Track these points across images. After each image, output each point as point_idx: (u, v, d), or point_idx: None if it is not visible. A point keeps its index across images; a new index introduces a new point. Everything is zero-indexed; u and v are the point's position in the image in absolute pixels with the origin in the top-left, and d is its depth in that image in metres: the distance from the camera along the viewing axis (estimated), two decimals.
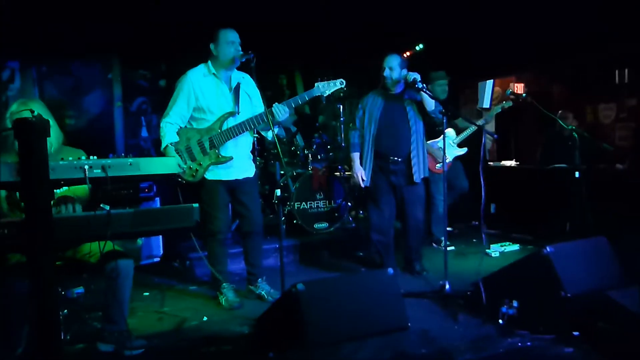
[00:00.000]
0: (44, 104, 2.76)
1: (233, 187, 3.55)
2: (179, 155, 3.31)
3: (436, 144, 4.82)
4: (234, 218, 4.24)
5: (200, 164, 3.35)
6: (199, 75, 3.45)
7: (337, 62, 6.75)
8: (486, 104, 7.45)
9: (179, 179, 3.32)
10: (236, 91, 3.51)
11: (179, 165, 3.10)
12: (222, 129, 3.39)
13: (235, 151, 3.45)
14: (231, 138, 3.40)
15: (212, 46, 3.45)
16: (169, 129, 3.38)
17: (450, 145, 4.93)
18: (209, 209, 3.44)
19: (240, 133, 3.42)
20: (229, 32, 3.44)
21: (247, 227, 3.65)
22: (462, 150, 5.01)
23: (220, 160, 3.38)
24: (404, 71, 3.87)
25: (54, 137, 2.69)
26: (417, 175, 3.96)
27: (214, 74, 3.46)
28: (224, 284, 3.59)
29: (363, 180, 4.02)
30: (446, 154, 4.77)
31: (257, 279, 3.71)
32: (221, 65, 3.46)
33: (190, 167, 3.33)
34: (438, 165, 4.84)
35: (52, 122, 2.64)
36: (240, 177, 3.55)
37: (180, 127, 3.41)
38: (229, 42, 3.42)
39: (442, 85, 5.04)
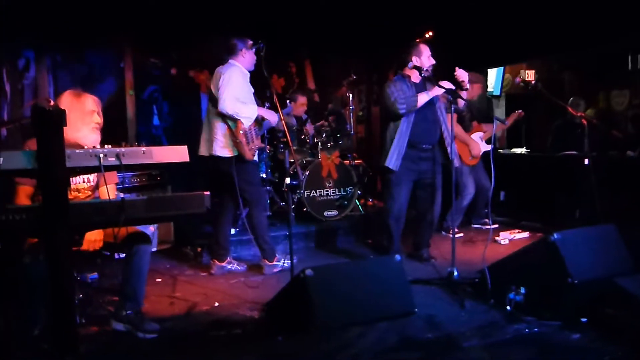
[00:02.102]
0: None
1: None
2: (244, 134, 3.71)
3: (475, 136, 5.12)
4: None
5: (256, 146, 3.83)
6: (241, 74, 3.76)
7: (346, 49, 6.74)
8: (496, 91, 7.39)
9: (238, 155, 3.73)
10: None
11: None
12: (262, 123, 3.93)
13: None
14: (263, 131, 4.16)
15: (242, 50, 3.80)
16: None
17: (479, 140, 5.11)
18: (259, 185, 3.93)
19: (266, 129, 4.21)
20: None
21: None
22: (488, 147, 5.09)
23: (261, 147, 3.99)
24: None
25: None
26: (453, 154, 3.89)
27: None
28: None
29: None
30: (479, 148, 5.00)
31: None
32: (247, 69, 3.86)
33: (253, 147, 3.78)
34: (471, 157, 5.07)
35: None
36: None
37: None
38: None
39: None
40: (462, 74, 3.79)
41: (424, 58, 3.92)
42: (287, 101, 5.86)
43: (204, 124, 3.97)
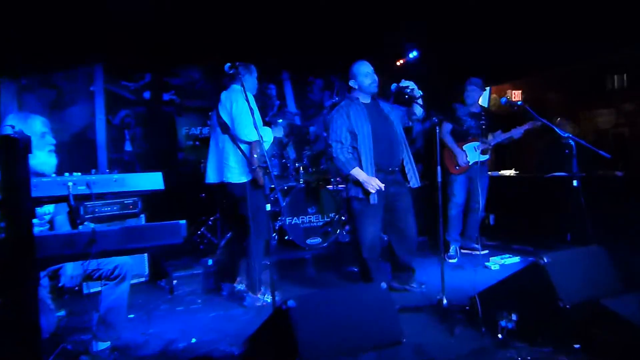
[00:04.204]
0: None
1: None
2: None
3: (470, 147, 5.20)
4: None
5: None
6: (247, 98, 3.56)
7: (329, 68, 6.86)
8: None
9: (252, 180, 3.87)
10: None
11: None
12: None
13: None
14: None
15: (247, 76, 3.93)
16: None
17: (473, 150, 5.17)
18: (266, 213, 3.78)
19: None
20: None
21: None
22: (484, 157, 5.17)
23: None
24: (400, 84, 3.96)
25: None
26: (413, 182, 4.05)
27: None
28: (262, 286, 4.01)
29: (382, 184, 3.83)
30: (467, 159, 5.06)
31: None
32: (251, 93, 3.87)
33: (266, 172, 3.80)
34: (456, 166, 5.17)
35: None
36: None
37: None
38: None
39: (472, 95, 5.25)
40: (407, 83, 3.87)
41: (362, 78, 3.99)
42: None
43: (210, 150, 4.07)
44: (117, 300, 2.85)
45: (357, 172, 3.85)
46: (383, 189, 3.85)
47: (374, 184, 3.80)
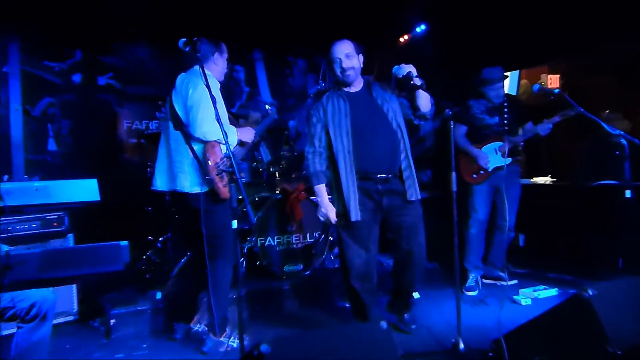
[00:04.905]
0: None
1: None
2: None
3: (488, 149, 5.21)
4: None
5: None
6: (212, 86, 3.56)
7: (314, 48, 6.88)
8: None
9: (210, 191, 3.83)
10: None
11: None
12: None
13: None
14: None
15: (216, 54, 4.01)
16: None
17: (493, 153, 5.19)
18: (230, 231, 3.80)
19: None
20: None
21: None
22: (506, 161, 5.13)
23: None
24: (400, 67, 3.92)
25: None
26: (412, 192, 3.96)
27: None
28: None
29: (334, 219, 3.97)
30: (487, 163, 5.11)
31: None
32: (218, 79, 4.00)
33: (226, 182, 3.81)
34: (474, 174, 5.20)
35: None
36: None
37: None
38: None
39: (497, 90, 5.21)
40: (405, 68, 3.78)
41: (336, 67, 3.98)
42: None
43: (160, 150, 4.04)
44: (35, 347, 2.83)
45: (319, 192, 4.00)
46: (333, 221, 3.96)
47: (330, 216, 3.96)
